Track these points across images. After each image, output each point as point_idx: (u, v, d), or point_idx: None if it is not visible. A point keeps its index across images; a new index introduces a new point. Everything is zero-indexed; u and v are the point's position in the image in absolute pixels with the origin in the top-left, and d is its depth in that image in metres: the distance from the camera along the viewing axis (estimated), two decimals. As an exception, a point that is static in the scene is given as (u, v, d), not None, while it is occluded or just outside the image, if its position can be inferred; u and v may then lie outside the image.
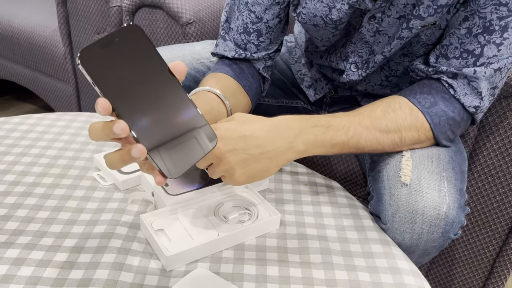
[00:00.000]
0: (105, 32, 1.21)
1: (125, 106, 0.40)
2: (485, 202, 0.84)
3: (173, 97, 0.44)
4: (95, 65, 0.39)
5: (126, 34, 0.41)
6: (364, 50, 0.73)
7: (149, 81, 0.42)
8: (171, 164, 0.43)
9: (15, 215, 0.58)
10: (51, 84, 1.48)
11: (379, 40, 0.70)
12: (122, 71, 0.41)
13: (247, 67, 0.75)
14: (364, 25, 0.69)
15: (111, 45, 0.40)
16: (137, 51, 0.42)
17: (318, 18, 0.70)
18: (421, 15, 0.63)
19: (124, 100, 0.40)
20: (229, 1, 0.74)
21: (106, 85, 0.39)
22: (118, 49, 0.40)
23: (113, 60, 0.40)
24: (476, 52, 0.60)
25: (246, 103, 0.74)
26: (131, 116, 0.40)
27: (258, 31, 0.73)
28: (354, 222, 0.63)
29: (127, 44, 0.41)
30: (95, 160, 0.70)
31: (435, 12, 0.62)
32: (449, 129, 0.63)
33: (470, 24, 0.60)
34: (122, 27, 0.41)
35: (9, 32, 1.47)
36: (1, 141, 0.75)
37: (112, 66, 0.40)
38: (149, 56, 0.42)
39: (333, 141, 0.59)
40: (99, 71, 0.39)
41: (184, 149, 0.44)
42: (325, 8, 0.68)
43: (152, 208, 0.62)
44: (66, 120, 0.84)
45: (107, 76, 0.40)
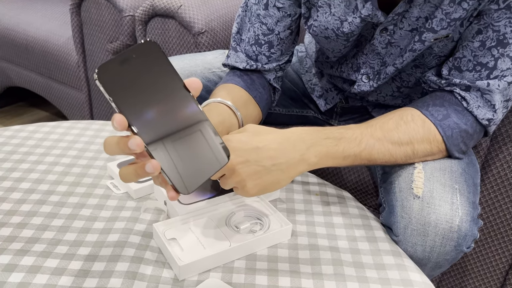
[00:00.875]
0: (117, 41, 1.22)
1: (141, 122, 0.41)
2: (497, 213, 0.83)
3: (187, 113, 0.44)
4: (112, 81, 0.40)
5: (143, 50, 0.42)
6: (375, 61, 0.73)
7: (165, 97, 0.43)
8: (184, 180, 0.43)
9: (31, 223, 0.59)
10: (64, 92, 1.50)
11: (391, 52, 0.70)
12: (139, 87, 0.41)
13: (258, 78, 0.76)
14: (376, 37, 0.69)
15: (128, 62, 0.41)
16: (153, 67, 0.42)
17: (329, 31, 0.70)
18: (434, 28, 0.63)
19: (140, 116, 0.41)
20: (240, 13, 0.75)
21: (122, 101, 0.40)
22: (135, 65, 0.41)
23: (129, 76, 0.41)
24: (489, 65, 0.60)
25: (257, 113, 0.74)
26: (146, 132, 0.41)
27: (270, 42, 0.73)
28: (366, 232, 0.63)
29: (144, 60, 0.42)
30: (108, 168, 0.71)
31: (448, 25, 0.62)
32: (461, 141, 0.63)
33: (483, 37, 0.60)
34: (139, 43, 0.42)
35: (24, 41, 1.50)
36: (16, 149, 0.76)
37: (129, 82, 0.41)
38: (165, 72, 0.43)
39: (345, 153, 0.59)
40: (115, 87, 0.40)
41: (197, 166, 0.44)
42: (336, 21, 0.68)
43: (165, 217, 0.63)
44: (80, 128, 0.85)
45: (123, 92, 0.40)
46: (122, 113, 0.40)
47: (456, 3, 0.60)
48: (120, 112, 0.40)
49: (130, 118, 0.40)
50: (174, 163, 0.43)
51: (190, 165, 0.44)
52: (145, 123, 0.41)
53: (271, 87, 0.79)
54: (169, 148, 0.43)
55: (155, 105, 0.42)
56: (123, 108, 0.40)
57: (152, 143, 0.41)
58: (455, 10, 0.61)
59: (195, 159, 0.44)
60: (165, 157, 0.42)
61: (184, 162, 0.43)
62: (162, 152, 0.42)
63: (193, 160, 0.44)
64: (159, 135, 0.42)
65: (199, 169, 0.44)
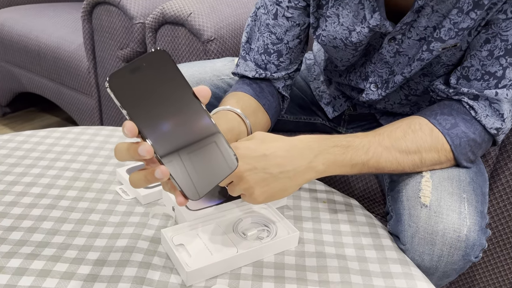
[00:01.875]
0: (128, 48, 1.24)
1: (151, 129, 0.42)
2: (506, 222, 0.83)
3: (196, 120, 0.45)
4: (123, 89, 0.41)
5: (153, 58, 0.43)
6: (384, 70, 0.74)
7: (174, 104, 0.44)
8: (193, 186, 0.44)
9: (41, 227, 0.60)
10: (74, 97, 1.52)
11: (399, 60, 0.71)
12: (149, 95, 0.42)
13: (267, 86, 0.76)
14: (384, 46, 0.70)
15: (138, 70, 0.42)
16: (163, 75, 0.43)
17: (338, 40, 0.70)
18: (442, 38, 0.63)
19: (150, 123, 0.42)
20: (249, 22, 0.76)
21: (133, 108, 0.41)
22: (145, 73, 0.42)
23: (140, 84, 0.42)
24: (498, 74, 0.60)
25: (266, 121, 0.75)
26: (156, 138, 0.42)
27: (279, 51, 0.74)
28: (373, 241, 0.63)
29: (154, 69, 0.43)
30: (117, 174, 0.72)
31: (456, 35, 0.63)
32: (469, 150, 0.63)
33: (491, 46, 0.60)
34: (149, 52, 0.43)
35: (36, 47, 1.52)
36: (28, 154, 0.77)
37: (139, 90, 0.42)
38: (174, 80, 0.44)
39: (353, 161, 0.59)
40: (126, 95, 0.41)
41: (206, 171, 0.45)
42: (345, 31, 0.68)
43: (173, 223, 0.63)
44: (90, 134, 0.86)
45: (134, 99, 0.41)
46: (133, 120, 0.41)
47: (464, 13, 0.60)
48: (131, 119, 0.41)
49: (140, 125, 0.41)
50: (183, 169, 0.43)
51: (199, 171, 0.44)
52: (155, 130, 0.42)
53: (280, 95, 0.80)
54: (178, 154, 0.43)
55: (164, 112, 0.43)
56: (133, 115, 0.41)
57: (161, 149, 0.42)
58: (463, 20, 0.61)
59: (204, 165, 0.45)
60: (174, 163, 0.43)
61: (193, 168, 0.44)
62: (171, 158, 0.43)
63: (202, 166, 0.45)
64: (168, 141, 0.43)
65: (208, 175, 0.45)
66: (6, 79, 1.73)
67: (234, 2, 1.23)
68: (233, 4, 1.22)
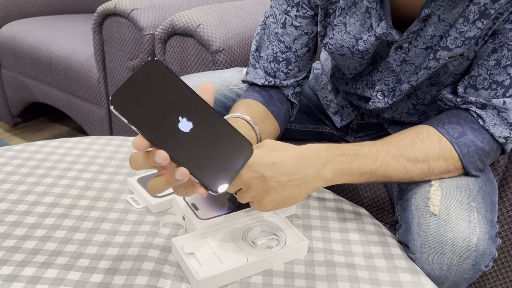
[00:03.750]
0: (137, 59, 1.26)
1: (161, 136, 0.43)
2: (517, 231, 0.82)
3: (204, 116, 0.46)
4: (127, 105, 0.42)
5: (148, 69, 0.44)
6: (390, 78, 0.74)
7: (178, 106, 0.45)
8: (216, 179, 0.45)
9: (54, 236, 0.61)
10: (84, 107, 1.54)
11: (405, 69, 0.71)
12: (152, 104, 0.43)
13: (276, 94, 0.77)
14: (391, 55, 0.70)
15: (136, 84, 0.43)
16: (161, 82, 0.44)
17: (345, 49, 0.71)
18: (449, 47, 0.64)
19: (159, 130, 0.43)
20: (259, 31, 0.77)
21: (140, 122, 0.42)
22: (144, 85, 0.43)
23: (141, 97, 0.43)
24: (505, 83, 0.61)
25: (275, 128, 0.76)
26: (169, 144, 0.43)
27: (287, 60, 0.75)
28: (383, 249, 0.63)
29: (151, 79, 0.44)
30: (128, 183, 0.73)
31: (462, 44, 0.63)
32: (478, 159, 0.63)
33: (499, 56, 0.61)
34: (142, 64, 0.44)
35: (47, 58, 1.55)
36: (41, 163, 0.79)
37: (142, 103, 0.43)
38: (173, 85, 0.45)
39: (361, 169, 0.60)
40: (132, 111, 0.42)
41: (225, 163, 0.46)
42: (352, 39, 0.69)
43: (183, 232, 0.64)
44: (101, 144, 0.87)
45: (140, 113, 0.43)
46: (142, 133, 0.42)
47: (470, 22, 0.61)
48: (140, 132, 0.42)
49: (150, 135, 0.42)
50: (202, 165, 0.45)
51: (218, 163, 0.45)
52: (166, 136, 0.43)
53: (289, 103, 0.81)
54: (194, 153, 0.44)
55: (171, 116, 0.44)
56: (142, 128, 0.42)
57: (176, 153, 0.43)
58: (469, 29, 0.61)
59: (221, 157, 0.46)
60: (192, 163, 0.44)
61: (212, 162, 0.45)
62: (188, 158, 0.44)
63: (219, 158, 0.46)
64: (181, 143, 0.44)
65: (227, 165, 0.46)
66: (17, 89, 1.76)
67: (242, 13, 1.25)
68: (241, 15, 1.23)
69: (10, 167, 0.77)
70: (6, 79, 1.78)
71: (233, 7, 1.26)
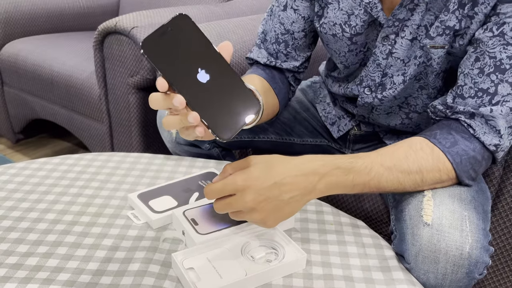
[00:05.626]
0: (138, 75, 1.28)
1: (181, 83, 0.48)
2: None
3: (220, 71, 0.50)
4: (154, 51, 0.47)
5: (176, 22, 0.49)
6: (376, 74, 0.78)
7: (199, 59, 0.50)
8: (222, 126, 0.49)
9: (56, 253, 0.62)
10: (85, 123, 1.56)
11: (391, 63, 0.75)
12: (176, 53, 0.49)
13: (278, 74, 0.85)
14: (378, 46, 0.74)
15: (165, 33, 0.48)
16: (187, 35, 0.49)
17: (337, 27, 0.77)
18: (431, 35, 0.68)
19: (180, 77, 0.48)
20: (265, 17, 0.86)
21: (164, 66, 0.48)
22: (172, 35, 0.48)
23: (168, 45, 0.48)
24: (490, 91, 0.63)
25: (275, 103, 0.82)
26: (187, 90, 0.48)
27: (286, 42, 0.83)
28: (380, 262, 0.64)
29: (178, 30, 0.49)
30: (129, 199, 0.74)
31: (443, 33, 0.67)
32: (471, 168, 0.64)
33: (481, 64, 0.63)
34: (172, 17, 0.49)
35: (49, 76, 1.57)
36: (43, 180, 0.80)
37: (168, 50, 0.48)
38: (197, 39, 0.50)
39: (355, 182, 0.61)
40: (158, 56, 0.48)
41: (233, 113, 0.50)
42: (344, 15, 0.75)
43: (183, 247, 0.65)
44: (102, 160, 0.89)
45: (165, 59, 0.48)
46: (165, 77, 0.47)
47: (450, 12, 0.66)
48: (163, 76, 0.47)
49: (171, 80, 0.48)
50: (212, 113, 0.49)
51: (226, 113, 0.50)
52: (185, 83, 0.48)
53: (289, 85, 0.88)
54: (207, 101, 0.49)
55: (191, 67, 0.49)
56: (165, 72, 0.47)
57: (192, 99, 0.48)
58: (449, 18, 0.66)
59: (231, 108, 0.50)
60: (204, 109, 0.49)
61: (221, 111, 0.49)
62: (201, 105, 0.48)
63: (229, 109, 0.50)
64: (197, 91, 0.49)
65: (235, 115, 0.50)
66: (20, 106, 1.78)
67: (240, 30, 1.27)
68: (239, 32, 1.26)
69: (12, 185, 0.78)
70: (9, 97, 1.80)
71: (232, 24, 1.29)
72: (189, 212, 0.68)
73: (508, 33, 0.61)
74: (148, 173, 0.84)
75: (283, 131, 0.97)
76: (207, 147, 0.96)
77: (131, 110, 1.33)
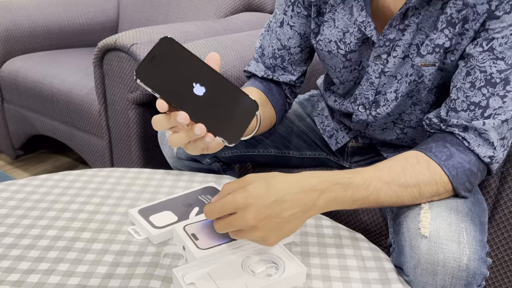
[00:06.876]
0: (137, 91, 1.29)
1: (180, 100, 0.50)
2: (511, 250, 0.83)
3: (214, 81, 0.52)
4: (149, 77, 0.49)
5: (162, 46, 0.51)
6: (369, 92, 0.79)
7: (193, 74, 0.52)
8: (228, 132, 0.51)
9: (57, 269, 0.62)
10: (85, 139, 1.57)
11: (384, 82, 0.76)
12: (169, 74, 0.51)
13: (275, 86, 0.87)
14: (371, 65, 0.76)
15: (154, 58, 0.50)
16: (175, 55, 0.51)
17: (332, 44, 0.78)
18: (421, 53, 0.70)
19: (178, 95, 0.50)
20: (263, 32, 0.87)
21: (161, 89, 0.49)
22: (161, 59, 0.51)
23: (160, 68, 0.50)
24: (482, 104, 0.64)
25: (272, 115, 0.84)
26: (187, 106, 0.50)
27: (282, 57, 0.84)
28: (379, 275, 0.64)
29: (166, 53, 0.51)
30: (129, 214, 0.74)
31: (433, 51, 0.69)
32: (467, 180, 0.65)
33: (472, 78, 0.65)
34: (156, 43, 0.51)
35: (49, 92, 1.59)
36: (44, 197, 0.81)
37: (161, 73, 0.50)
38: (185, 57, 0.52)
39: (354, 197, 0.62)
40: (153, 80, 0.50)
41: (235, 119, 0.52)
42: (339, 33, 0.77)
43: (184, 262, 0.65)
44: (102, 176, 0.89)
45: (160, 81, 0.50)
46: (164, 98, 0.49)
47: (438, 31, 0.67)
48: (162, 98, 0.49)
49: (171, 100, 0.49)
50: (215, 122, 0.51)
51: (229, 120, 0.52)
52: (184, 99, 0.50)
53: (286, 97, 0.89)
54: (208, 112, 0.51)
55: (186, 83, 0.51)
56: (163, 94, 0.49)
57: (194, 112, 0.50)
58: (438, 36, 0.67)
59: (231, 114, 0.52)
60: (207, 120, 0.50)
61: (223, 118, 0.51)
62: (204, 116, 0.50)
63: (230, 115, 0.52)
64: (197, 105, 0.50)
65: (237, 119, 0.52)
66: (20, 123, 1.79)
67: (238, 46, 1.29)
68: (236, 47, 1.27)
69: (14, 202, 0.79)
70: (9, 113, 1.82)
71: (229, 40, 1.31)
72: (189, 227, 0.68)
73: (497, 48, 0.63)
74: (148, 188, 0.85)
75: (282, 144, 0.98)
76: (207, 162, 0.97)
77: (130, 125, 1.34)
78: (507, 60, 0.62)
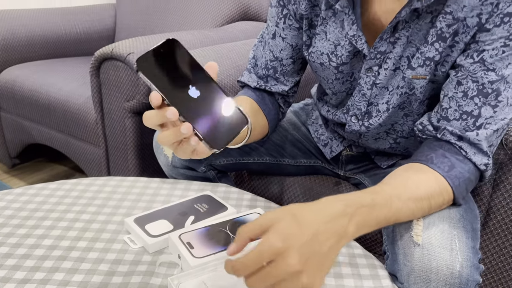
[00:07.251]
0: (134, 100, 1.30)
1: (173, 96, 0.51)
2: (506, 259, 0.84)
3: (209, 88, 0.54)
4: (148, 68, 0.51)
5: (167, 45, 0.53)
6: (362, 103, 0.80)
7: (189, 77, 0.53)
8: (214, 137, 0.52)
9: (53, 279, 0.62)
10: (82, 148, 1.57)
11: (376, 93, 0.77)
12: (169, 71, 0.52)
13: (268, 96, 0.87)
14: (362, 77, 0.77)
15: (157, 54, 0.52)
16: (177, 56, 0.53)
17: (324, 56, 0.79)
18: (412, 66, 0.71)
19: (172, 92, 0.52)
20: (256, 43, 0.88)
21: (158, 82, 0.51)
22: (163, 56, 0.52)
23: (160, 64, 0.52)
24: (474, 113, 0.65)
25: (264, 125, 0.84)
26: (179, 103, 0.51)
27: (274, 68, 0.85)
28: (374, 283, 0.64)
29: (169, 52, 0.53)
30: (125, 223, 0.75)
31: (424, 64, 0.69)
32: (465, 188, 0.66)
33: (465, 87, 0.66)
34: (162, 42, 0.53)
35: (46, 101, 1.59)
36: (39, 206, 0.81)
37: (161, 68, 0.52)
38: (187, 59, 0.54)
39: (378, 218, 0.58)
40: (151, 72, 0.51)
41: (224, 127, 0.53)
42: (331, 45, 0.77)
43: (179, 270, 0.65)
44: (98, 185, 0.90)
45: (158, 76, 0.51)
46: (159, 90, 0.51)
47: (429, 44, 0.68)
48: (157, 89, 0.51)
49: (164, 93, 0.51)
50: (203, 125, 0.52)
51: (218, 125, 0.53)
52: (177, 97, 0.52)
53: (279, 107, 0.90)
54: (198, 115, 0.52)
55: (183, 83, 0.52)
56: (159, 88, 0.51)
57: (184, 111, 0.51)
58: (428, 49, 0.68)
59: (220, 122, 0.53)
60: (196, 121, 0.52)
61: (212, 124, 0.53)
62: (193, 117, 0.52)
63: (219, 123, 0.53)
64: (189, 105, 0.52)
65: (225, 127, 0.53)
66: (16, 131, 1.79)
67: (233, 54, 1.30)
68: (232, 56, 1.29)
69: (10, 211, 0.79)
70: (5, 122, 1.82)
71: (225, 49, 1.32)
72: (184, 236, 0.69)
73: (488, 60, 0.64)
74: (144, 197, 0.85)
75: (277, 152, 0.99)
76: (202, 170, 0.97)
77: (127, 134, 1.35)
78: (498, 71, 0.63)
